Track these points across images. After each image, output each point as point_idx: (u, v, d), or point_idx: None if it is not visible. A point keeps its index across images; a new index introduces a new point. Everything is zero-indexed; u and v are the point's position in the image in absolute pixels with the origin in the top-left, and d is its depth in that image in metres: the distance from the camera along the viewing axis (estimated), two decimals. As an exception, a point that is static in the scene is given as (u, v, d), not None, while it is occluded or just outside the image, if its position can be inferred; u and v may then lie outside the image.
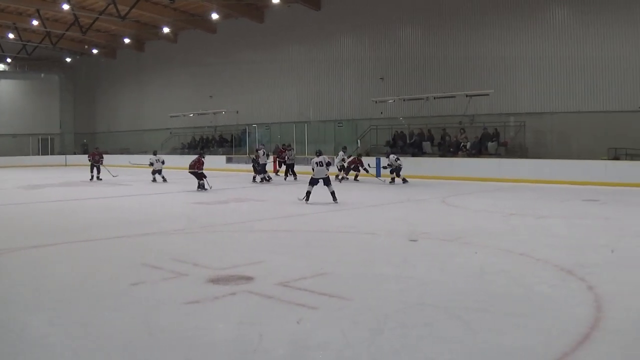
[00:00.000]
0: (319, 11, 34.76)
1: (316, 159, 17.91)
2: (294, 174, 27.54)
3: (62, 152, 51.87)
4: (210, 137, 41.72)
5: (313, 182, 17.64)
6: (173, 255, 9.77)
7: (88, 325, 6.26)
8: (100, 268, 9.12)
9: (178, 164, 37.07)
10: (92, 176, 27.96)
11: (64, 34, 43.98)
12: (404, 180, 23.99)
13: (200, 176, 22.34)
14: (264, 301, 6.94)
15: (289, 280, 7.84)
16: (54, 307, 6.96)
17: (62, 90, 54.90)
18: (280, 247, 10.80)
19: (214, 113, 40.12)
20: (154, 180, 26.90)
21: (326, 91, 34.71)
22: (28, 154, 50.55)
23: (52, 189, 24.45)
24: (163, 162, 27.17)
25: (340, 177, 25.50)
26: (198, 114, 41.30)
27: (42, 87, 53.72)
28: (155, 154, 28.19)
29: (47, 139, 53.36)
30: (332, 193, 17.34)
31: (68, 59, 52.63)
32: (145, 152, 43.46)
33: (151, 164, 27.17)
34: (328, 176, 17.74)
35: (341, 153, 26.16)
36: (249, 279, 7.92)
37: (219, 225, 13.74)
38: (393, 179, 24.29)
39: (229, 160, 36.39)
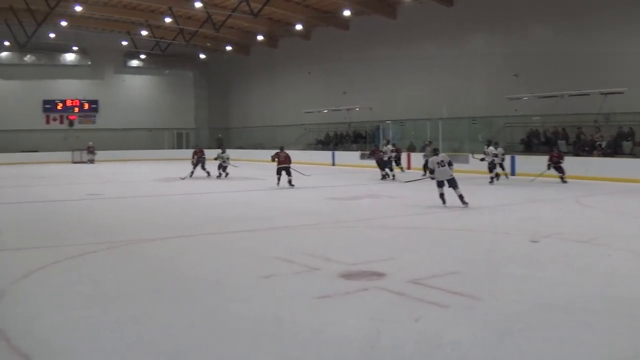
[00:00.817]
0: (451, 7, 34.21)
1: (436, 159, 16.13)
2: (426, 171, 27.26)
3: (197, 145, 53.51)
4: (344, 133, 42.00)
5: (440, 184, 16.03)
6: (305, 249, 9.94)
7: (216, 316, 6.47)
8: (230, 260, 9.41)
9: (312, 160, 37.72)
10: (192, 173, 27.92)
11: (197, 31, 45.39)
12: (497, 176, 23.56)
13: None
14: (394, 298, 6.95)
15: (420, 277, 7.80)
16: (183, 296, 7.24)
17: (196, 86, 56.68)
18: (412, 244, 10.77)
19: (348, 109, 40.28)
20: (219, 175, 27.21)
21: (459, 88, 34.07)
22: (163, 148, 52.67)
23: (185, 182, 25.39)
24: (227, 158, 27.58)
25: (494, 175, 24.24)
26: (332, 110, 41.67)
27: (176, 83, 55.69)
28: (222, 150, 28.62)
29: (182, 134, 55.25)
30: (460, 197, 15.74)
31: (202, 56, 54.28)
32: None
33: (216, 159, 27.73)
34: (453, 177, 15.91)
35: (491, 148, 24.62)
36: (380, 275, 7.94)
37: (352, 221, 13.80)
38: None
39: (362, 157, 36.54)
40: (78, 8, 39.04)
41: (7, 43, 46.39)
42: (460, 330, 5.86)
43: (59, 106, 50.69)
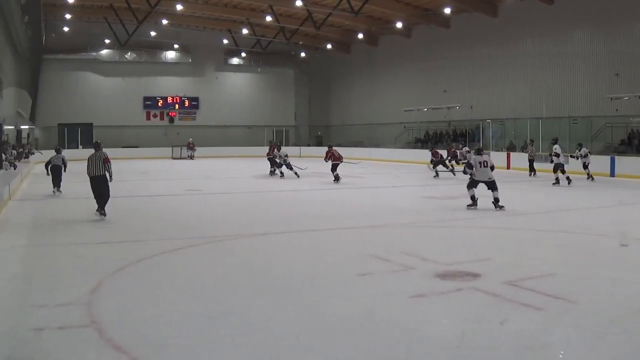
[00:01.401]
0: (552, 5, 33.43)
1: (479, 158, 15.62)
2: (534, 171, 26.92)
3: (296, 144, 53.97)
4: (444, 132, 41.67)
5: (474, 184, 15.57)
6: (402, 248, 9.98)
7: (312, 311, 6.59)
8: (327, 257, 9.52)
9: (411, 158, 37.59)
10: (274, 170, 27.79)
11: (298, 29, 45.99)
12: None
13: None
14: (489, 299, 6.91)
15: (515, 279, 7.74)
16: (280, 292, 7.38)
17: (297, 84, 57.17)
18: (508, 244, 10.66)
19: (448, 108, 40.00)
20: (280, 174, 26.78)
21: (559, 87, 33.27)
22: (262, 145, 52.97)
23: (283, 179, 25.79)
24: (286, 156, 26.81)
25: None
26: (432, 109, 41.42)
27: (276, 81, 56.24)
28: (278, 149, 27.92)
29: (282, 131, 55.67)
30: (496, 200, 15.20)
31: (302, 54, 54.73)
32: (377, 146, 44.41)
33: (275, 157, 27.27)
34: (494, 180, 15.41)
35: (557, 147, 23.99)
36: (475, 275, 7.92)
37: (449, 220, 13.76)
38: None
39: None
40: (179, 7, 40.19)
41: (107, 41, 47.87)
42: (553, 333, 5.80)
43: (160, 103, 52.13)
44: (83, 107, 49.00)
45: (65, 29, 45.31)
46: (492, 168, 15.59)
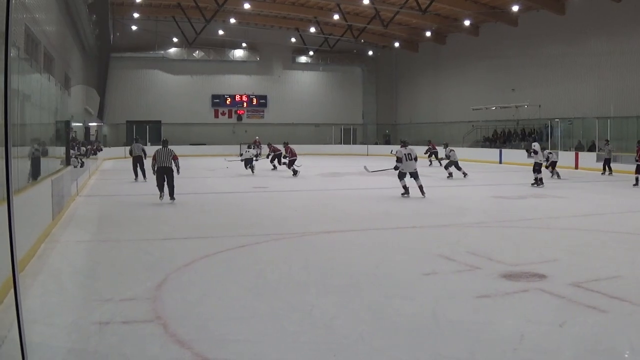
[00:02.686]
0: (620, 2, 32.64)
1: (404, 150, 17.95)
2: (610, 170, 26.39)
3: (364, 142, 54.10)
4: (512, 131, 41.10)
5: (402, 175, 18.02)
6: (468, 247, 9.92)
7: (376, 310, 6.58)
8: (393, 256, 9.53)
9: (479, 157, 37.25)
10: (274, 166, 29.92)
11: (365, 27, 46.02)
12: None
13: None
14: (555, 300, 6.81)
15: (582, 280, 7.62)
16: (344, 290, 7.38)
17: (365, 82, 57.20)
18: (575, 246, 10.44)
19: (516, 107, 39.38)
20: (251, 170, 27.67)
21: (628, 85, 32.50)
22: (329, 143, 53.37)
23: (351, 178, 25.87)
24: (258, 154, 28.38)
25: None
26: (500, 107, 40.92)
27: (344, 79, 56.37)
28: (249, 146, 29.36)
29: (350, 129, 55.91)
30: (420, 187, 17.72)
31: (370, 52, 54.71)
32: (445, 145, 44.03)
33: (240, 154, 28.72)
34: (416, 170, 17.85)
35: (536, 145, 23.39)
36: (542, 276, 7.80)
37: (516, 221, 13.62)
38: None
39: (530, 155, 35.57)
40: (247, 5, 40.60)
41: (175, 39, 48.82)
42: (618, 337, 5.70)
43: (228, 101, 52.80)
44: (151, 104, 50.02)
45: (133, 27, 46.38)
46: (416, 159, 17.98)
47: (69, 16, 28.32)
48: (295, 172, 26.36)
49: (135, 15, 44.14)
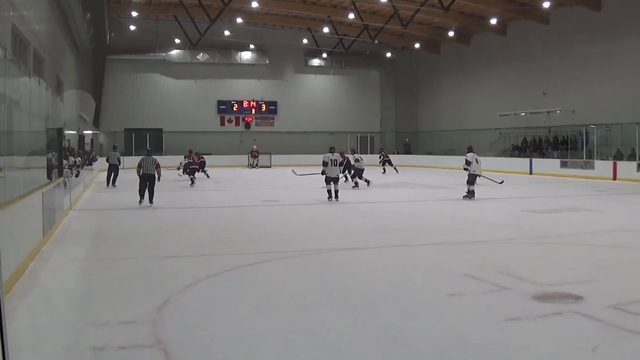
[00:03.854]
0: (661, -2, 32.63)
1: (331, 156, 20.92)
2: None
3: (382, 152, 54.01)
4: (543, 139, 40.93)
5: (328, 180, 20.70)
6: (497, 266, 9.84)
7: (396, 334, 6.53)
8: (414, 275, 9.49)
9: (507, 167, 37.08)
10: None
11: (383, 27, 45.91)
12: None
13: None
14: (592, 324, 6.73)
15: (621, 302, 7.51)
16: (361, 312, 7.36)
17: (383, 87, 57.25)
18: (615, 264, 10.31)
19: (548, 112, 39.19)
20: (192, 182, 28.20)
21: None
22: (345, 153, 52.51)
23: (368, 190, 25.74)
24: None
25: None
26: (530, 113, 40.72)
27: (360, 83, 56.45)
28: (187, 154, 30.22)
29: (367, 137, 55.78)
30: (336, 192, 20.66)
31: (388, 54, 54.69)
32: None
33: (180, 164, 30.22)
34: (338, 177, 20.97)
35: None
36: (577, 298, 7.72)
37: (550, 237, 13.50)
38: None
39: (563, 165, 35.41)
40: (254, 4, 40.56)
41: (177, 41, 48.83)
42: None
43: (235, 107, 52.90)
44: (151, 111, 50.16)
45: (132, 27, 46.46)
46: (341, 164, 22.00)
47: (61, 14, 28.27)
48: (192, 182, 28.15)
49: (134, 13, 44.28)
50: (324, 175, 20.77)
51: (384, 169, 38.22)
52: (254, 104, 53.13)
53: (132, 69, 49.48)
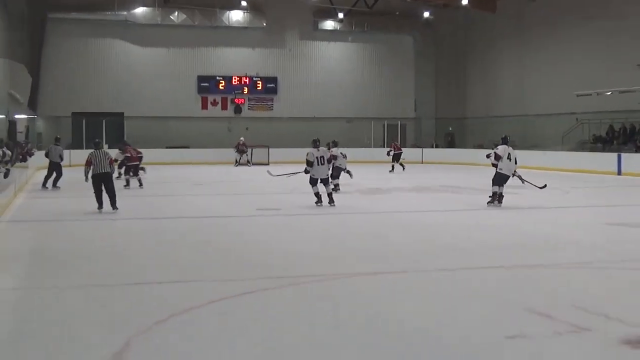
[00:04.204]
0: None
1: (316, 153, 21.70)
2: None
3: (416, 145, 53.86)
4: (638, 127, 40.59)
5: (313, 181, 21.78)
6: (572, 299, 9.81)
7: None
8: (461, 310, 9.44)
9: (586, 166, 36.97)
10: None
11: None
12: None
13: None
14: None
15: None
16: (390, 356, 7.37)
17: (418, 59, 57.21)
18: None
19: (644, 91, 39.15)
20: (127, 184, 28.56)
21: None
22: (367, 146, 52.98)
23: (400, 195, 26.01)
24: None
25: None
26: (618, 93, 40.53)
27: (388, 54, 56.61)
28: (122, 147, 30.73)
29: (397, 125, 54.68)
30: (329, 195, 21.67)
31: (426, 14, 54.18)
32: (535, 147, 43.60)
33: (115, 160, 28.47)
34: (328, 177, 22.09)
35: None
36: (685, 343, 7.72)
37: (645, 260, 13.53)
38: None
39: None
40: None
41: (144, -5, 49.10)
42: None
43: (221, 85, 53.18)
44: (109, 89, 50.44)
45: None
46: (329, 161, 22.21)
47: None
48: (140, 183, 28.46)
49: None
50: (309, 176, 21.82)
51: (392, 166, 38.72)
52: (247, 80, 53.29)
53: (82, 32, 49.66)
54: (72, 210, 20.52)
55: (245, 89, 53.21)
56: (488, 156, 21.68)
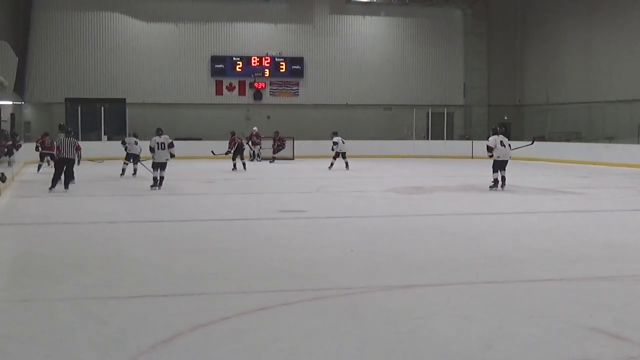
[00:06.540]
0: None
1: (158, 139, 26.75)
2: None
3: (466, 136, 53.72)
4: None
5: (155, 166, 26.28)
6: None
7: None
8: (515, 328, 9.36)
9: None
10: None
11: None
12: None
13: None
14: None
15: None
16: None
17: (468, 37, 57.08)
18: None
19: None
20: (134, 173, 32.15)
21: None
22: (409, 138, 53.20)
23: (443, 195, 25.92)
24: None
25: None
26: None
27: (433, 31, 56.53)
28: (135, 135, 32.50)
29: (443, 114, 54.67)
30: (161, 179, 26.20)
31: (477, -14, 54.54)
32: (607, 139, 43.45)
33: (125, 148, 32.38)
34: (166, 162, 26.71)
35: None
36: None
37: None
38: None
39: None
40: None
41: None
42: None
43: (239, 67, 53.13)
44: (108, 72, 50.47)
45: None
46: (171, 146, 27.12)
47: None
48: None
49: None
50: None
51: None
52: (268, 61, 53.26)
53: (76, 5, 49.65)
54: (64, 213, 20.59)
55: (267, 72, 53.16)
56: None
